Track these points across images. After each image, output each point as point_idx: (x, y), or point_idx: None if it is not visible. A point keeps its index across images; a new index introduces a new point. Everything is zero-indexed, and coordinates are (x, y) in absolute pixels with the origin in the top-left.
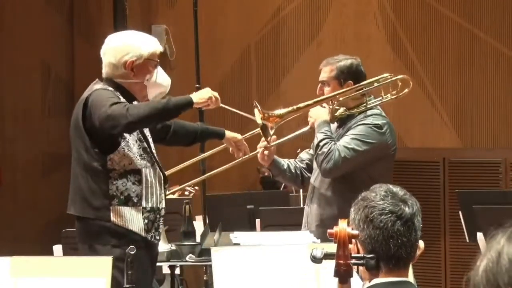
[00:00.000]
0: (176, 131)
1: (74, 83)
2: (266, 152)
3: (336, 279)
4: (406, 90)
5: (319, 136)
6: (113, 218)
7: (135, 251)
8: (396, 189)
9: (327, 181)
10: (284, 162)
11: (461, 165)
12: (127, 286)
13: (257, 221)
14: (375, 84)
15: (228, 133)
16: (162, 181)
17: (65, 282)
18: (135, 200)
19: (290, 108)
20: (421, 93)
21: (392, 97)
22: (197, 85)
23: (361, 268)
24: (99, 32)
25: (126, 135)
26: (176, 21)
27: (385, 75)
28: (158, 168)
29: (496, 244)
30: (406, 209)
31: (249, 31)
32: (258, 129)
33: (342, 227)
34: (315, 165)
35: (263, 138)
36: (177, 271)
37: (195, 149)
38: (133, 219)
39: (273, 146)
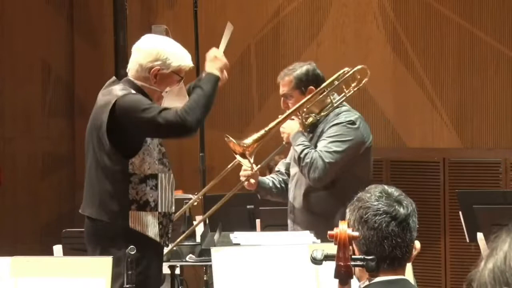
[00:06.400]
0: None
1: (74, 83)
2: (252, 180)
3: (336, 280)
4: (365, 80)
5: (297, 148)
6: (131, 223)
7: (135, 251)
8: (391, 189)
9: (308, 197)
10: (269, 179)
11: (461, 165)
12: (127, 286)
13: (257, 221)
14: (336, 83)
15: None
16: (174, 186)
17: (65, 282)
18: (152, 205)
19: (262, 132)
20: (421, 93)
21: (355, 89)
22: None
23: (358, 268)
24: (99, 32)
25: (148, 139)
26: (176, 21)
27: (342, 70)
28: (171, 173)
29: (502, 243)
30: (401, 209)
31: (249, 31)
32: (237, 160)
33: (343, 228)
34: (290, 183)
35: (244, 167)
36: (177, 271)
37: (195, 149)
38: (150, 225)
39: (256, 171)
